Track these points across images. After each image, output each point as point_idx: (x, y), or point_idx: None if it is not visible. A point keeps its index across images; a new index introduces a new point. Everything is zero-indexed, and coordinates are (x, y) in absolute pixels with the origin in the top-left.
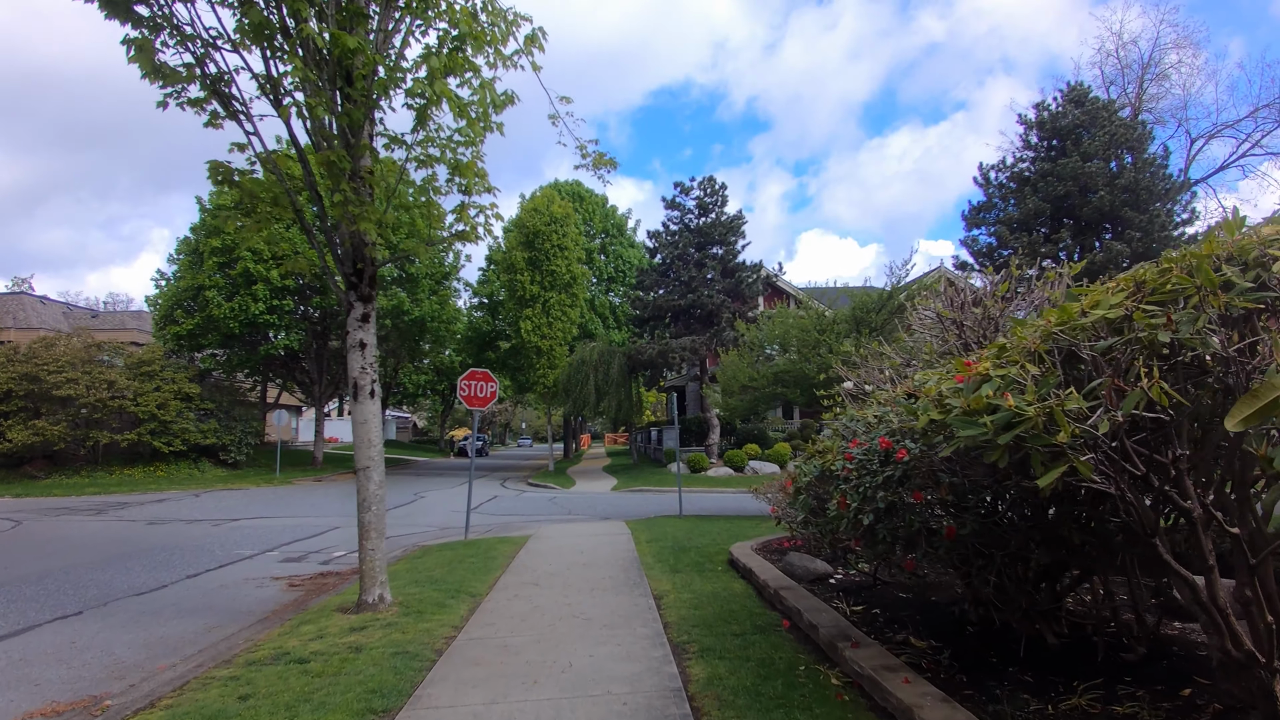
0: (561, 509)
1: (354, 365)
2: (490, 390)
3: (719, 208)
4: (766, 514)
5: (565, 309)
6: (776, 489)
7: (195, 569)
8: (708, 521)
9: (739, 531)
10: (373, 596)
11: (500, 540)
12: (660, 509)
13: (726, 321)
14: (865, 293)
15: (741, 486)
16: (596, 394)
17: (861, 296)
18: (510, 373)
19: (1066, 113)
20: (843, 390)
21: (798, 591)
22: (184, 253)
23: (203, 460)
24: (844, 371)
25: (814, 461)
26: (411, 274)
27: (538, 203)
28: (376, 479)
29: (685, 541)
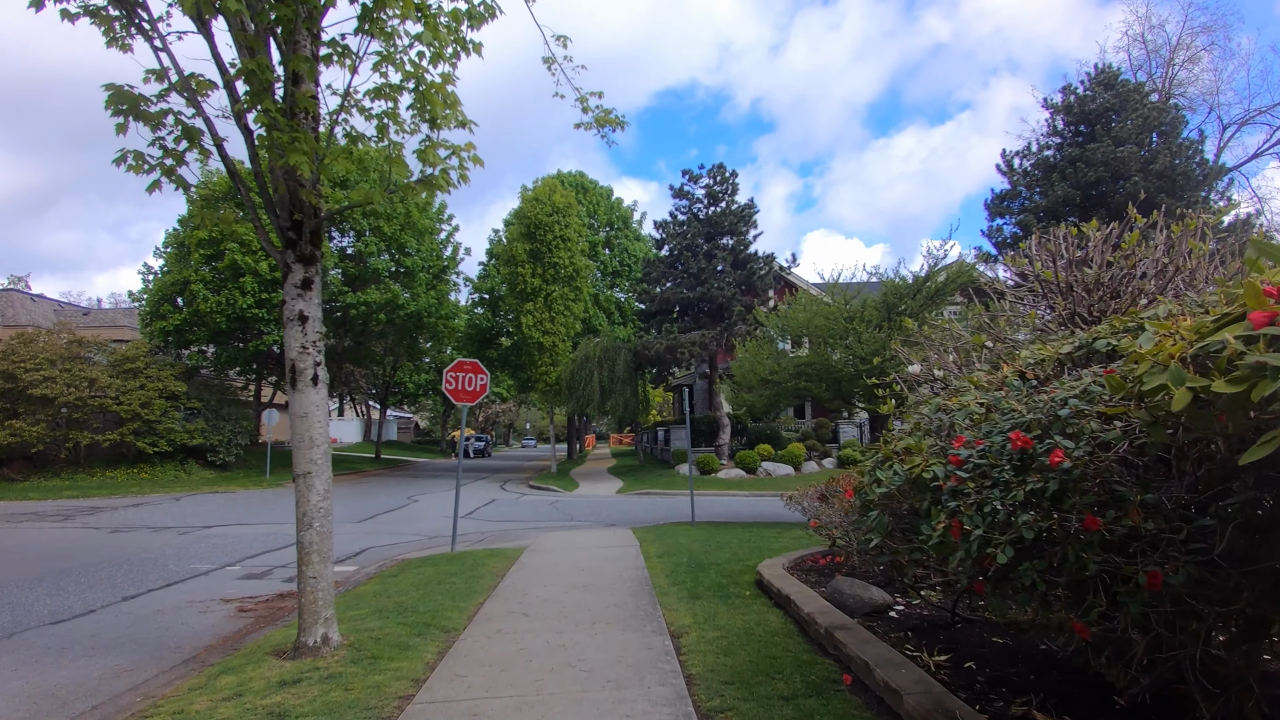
0: (563, 514)
1: (292, 343)
2: (480, 383)
3: (729, 196)
4: (786, 520)
5: (568, 303)
6: (813, 496)
7: (137, 588)
8: (723, 530)
9: (761, 543)
10: (314, 638)
11: (490, 554)
12: (669, 514)
13: (738, 315)
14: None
15: (755, 489)
16: (601, 392)
17: (892, 283)
18: (512, 370)
19: (1096, 96)
20: (907, 376)
21: (857, 633)
22: (171, 246)
23: (190, 462)
24: (905, 353)
25: (893, 466)
26: (408, 267)
27: (539, 192)
28: (320, 488)
29: (702, 556)
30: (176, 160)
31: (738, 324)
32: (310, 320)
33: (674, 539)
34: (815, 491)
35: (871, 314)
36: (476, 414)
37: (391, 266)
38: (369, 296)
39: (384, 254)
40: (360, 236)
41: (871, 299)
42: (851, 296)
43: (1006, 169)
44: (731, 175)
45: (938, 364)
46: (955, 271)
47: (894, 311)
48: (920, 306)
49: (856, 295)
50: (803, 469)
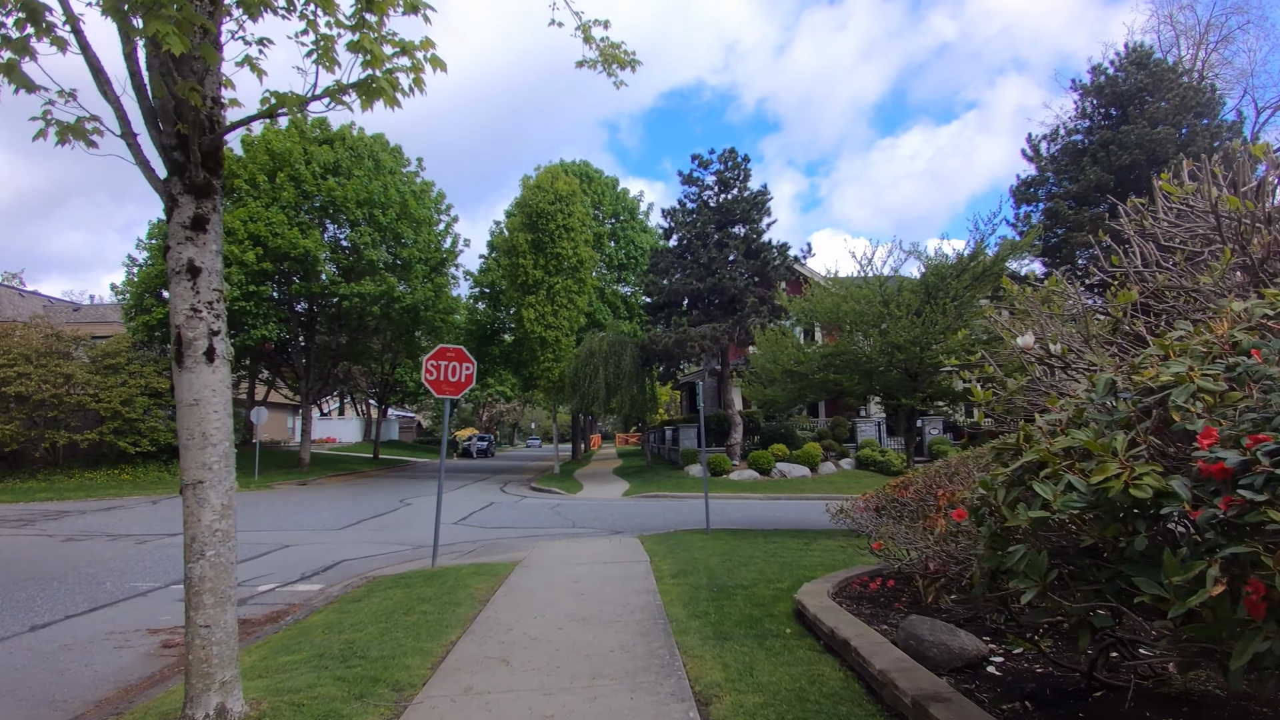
0: (564, 520)
1: (178, 304)
2: (466, 373)
3: (741, 183)
4: (810, 526)
5: (572, 296)
6: (867, 507)
7: (54, 614)
8: (743, 540)
9: (789, 556)
10: (205, 710)
11: (476, 570)
12: (680, 520)
13: (751, 307)
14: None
15: (771, 492)
16: (606, 389)
17: (936, 262)
18: (514, 368)
19: (1128, 76)
20: (1019, 348)
21: (959, 707)
22: (156, 236)
23: (175, 463)
24: (1002, 324)
25: (1063, 479)
26: (404, 259)
27: (541, 180)
28: (217, 503)
29: (724, 575)
30: (18, 51)
31: (751, 316)
32: (204, 274)
33: (688, 552)
34: (867, 501)
35: (909, 297)
36: (480, 413)
37: (388, 258)
38: (363, 288)
39: (380, 245)
40: (355, 227)
41: (908, 282)
42: (885, 279)
43: (1033, 154)
44: (743, 161)
45: (1054, 336)
46: (1007, 248)
47: (936, 293)
48: (966, 287)
49: (890, 278)
50: (819, 470)
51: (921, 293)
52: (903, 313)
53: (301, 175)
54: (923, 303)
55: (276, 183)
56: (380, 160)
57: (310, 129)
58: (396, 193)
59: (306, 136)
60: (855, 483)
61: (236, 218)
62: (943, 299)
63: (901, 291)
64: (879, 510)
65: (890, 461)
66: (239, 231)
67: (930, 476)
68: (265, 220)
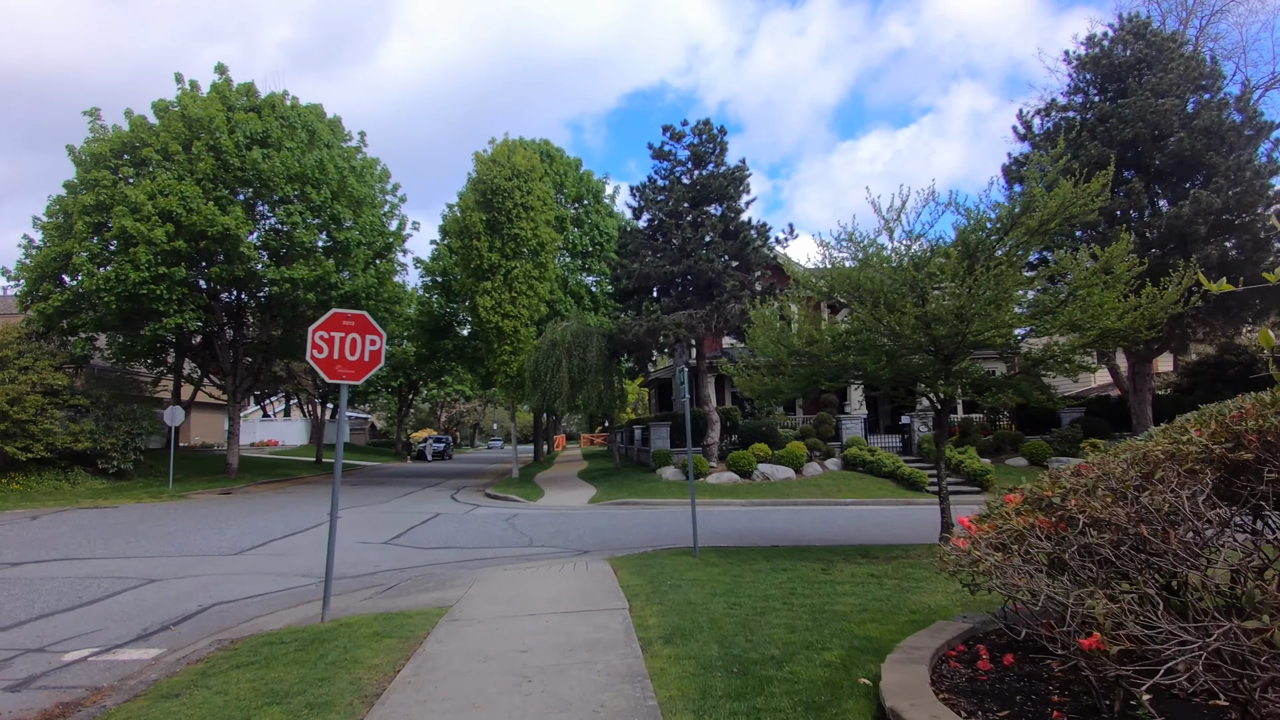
0: (520, 536)
1: None
2: (370, 350)
3: (717, 157)
4: (812, 540)
5: (532, 281)
6: (983, 543)
7: None
8: (743, 565)
9: (816, 596)
10: None
11: (380, 629)
12: (657, 534)
13: (731, 292)
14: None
15: (755, 497)
16: (571, 384)
17: (979, 216)
18: (469, 363)
19: (1126, 45)
20: None
21: None
22: (55, 214)
23: (76, 469)
24: None
25: None
26: (341, 241)
27: (497, 154)
28: None
29: (740, 636)
30: None
31: (730, 302)
32: None
33: (678, 590)
34: (981, 536)
35: (949, 263)
36: (438, 414)
37: (324, 240)
38: (295, 273)
39: (314, 225)
40: (284, 204)
41: (939, 248)
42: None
43: (1024, 131)
44: (720, 133)
45: None
46: (1067, 196)
47: (977, 256)
48: (1018, 244)
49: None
50: (804, 471)
51: (961, 255)
52: (947, 275)
53: (222, 145)
54: (964, 267)
55: (193, 152)
56: (316, 132)
57: (236, 95)
58: (334, 168)
59: (230, 103)
60: (844, 485)
61: (143, 191)
62: (989, 261)
63: (934, 254)
64: (1003, 549)
65: (881, 461)
66: (145, 207)
67: (1123, 479)
68: (178, 194)
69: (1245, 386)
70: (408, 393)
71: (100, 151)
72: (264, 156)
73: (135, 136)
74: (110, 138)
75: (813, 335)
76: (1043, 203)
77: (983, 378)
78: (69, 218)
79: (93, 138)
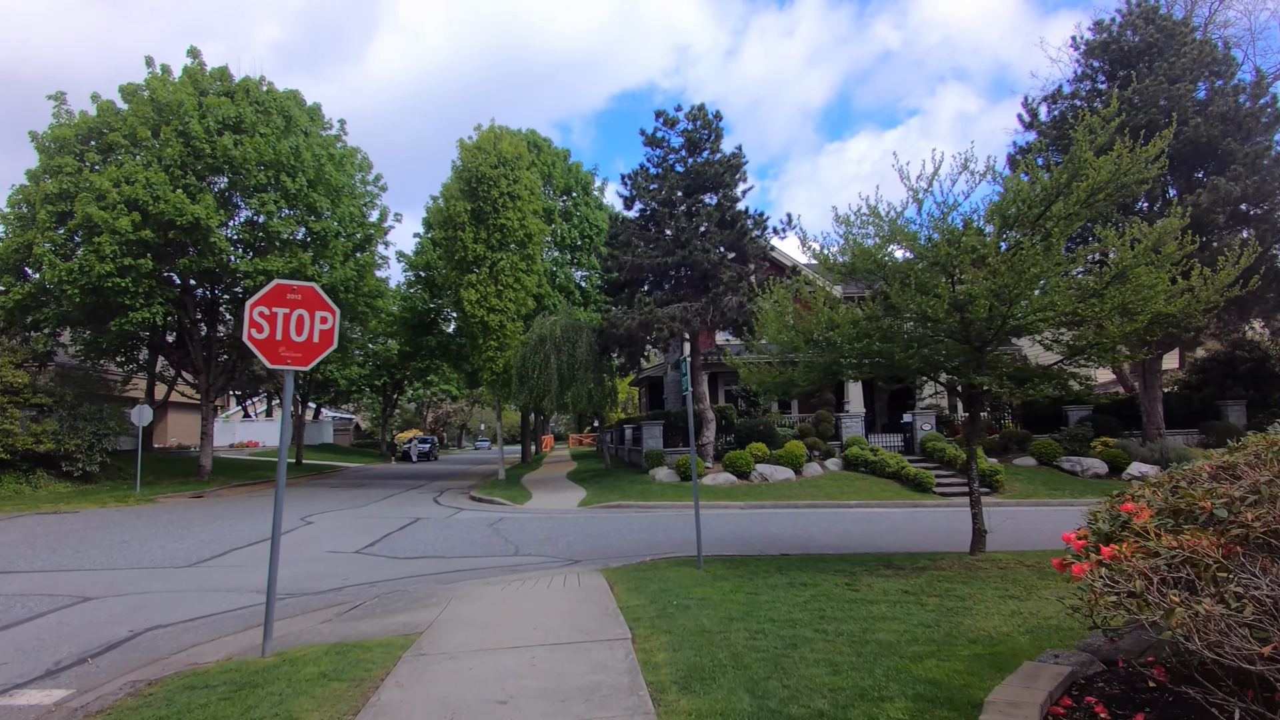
0: (505, 543)
1: None
2: (321, 328)
3: (713, 143)
4: (821, 545)
5: (518, 274)
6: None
7: None
8: (757, 579)
9: (851, 620)
10: None
11: (328, 668)
12: (653, 540)
13: (728, 284)
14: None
15: (754, 499)
16: (559, 381)
17: (1021, 183)
18: (453, 360)
19: (1137, 30)
20: None
21: None
22: (17, 203)
23: (38, 472)
24: None
25: None
26: (319, 232)
27: (482, 141)
28: None
29: (773, 679)
30: None
31: (727, 294)
32: None
33: (687, 612)
34: (1128, 564)
35: (972, 239)
36: (424, 414)
37: (300, 231)
38: (269, 265)
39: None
40: (258, 193)
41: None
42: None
43: (1030, 119)
44: (715, 118)
45: None
46: (1123, 161)
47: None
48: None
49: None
50: (804, 472)
51: (1001, 224)
52: (992, 249)
53: (192, 130)
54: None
55: (161, 138)
56: (293, 118)
57: (209, 80)
58: (311, 155)
59: (203, 87)
60: (847, 486)
61: (108, 178)
62: (1033, 235)
63: (967, 229)
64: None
65: (884, 461)
66: (110, 195)
67: None
68: (144, 181)
69: (1258, 383)
70: (392, 392)
71: (65, 136)
72: (236, 143)
73: (102, 121)
74: (76, 122)
75: (833, 320)
76: (1093, 169)
77: (1020, 368)
78: (32, 207)
79: (58, 123)
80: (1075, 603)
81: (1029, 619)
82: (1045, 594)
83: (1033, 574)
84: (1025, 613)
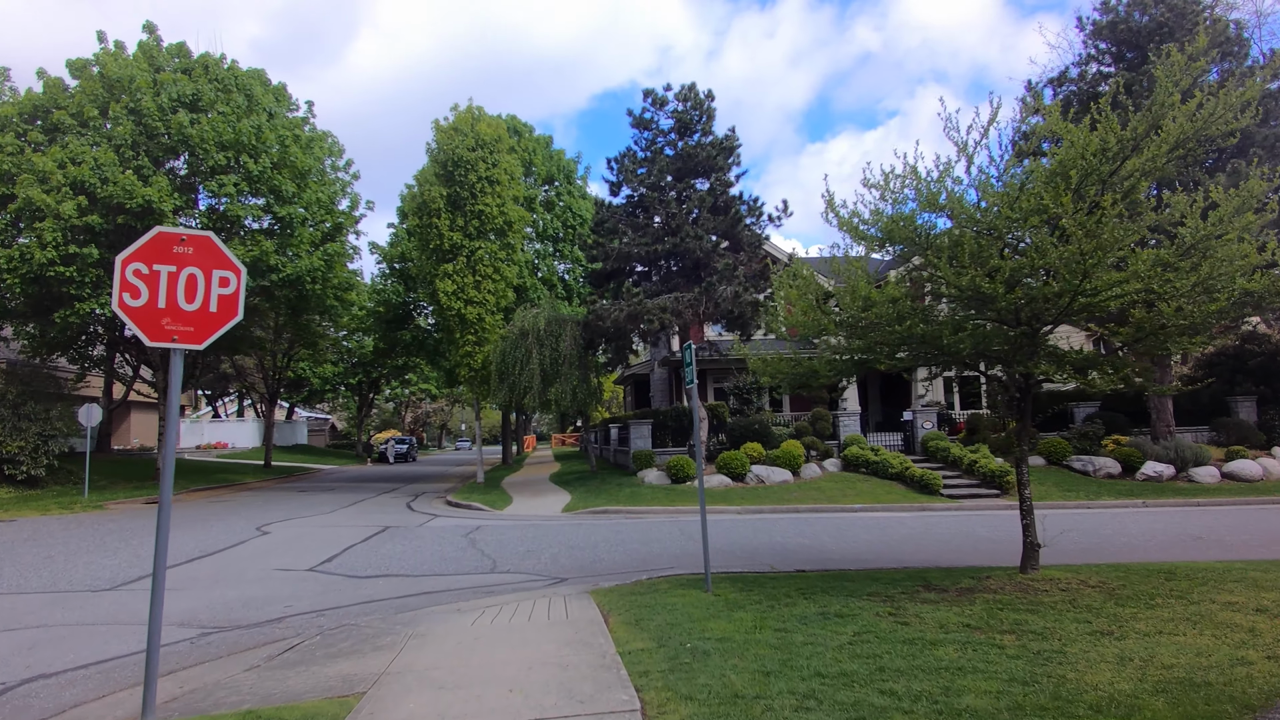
0: (481, 556)
1: None
2: (220, 295)
3: (704, 124)
4: (837, 558)
5: (498, 264)
6: None
7: None
8: (789, 612)
9: (929, 674)
10: None
11: None
12: (648, 552)
13: (721, 274)
14: None
15: (752, 504)
16: (542, 377)
17: (1082, 137)
18: (429, 356)
19: (1145, 10)
20: None
21: None
22: None
23: None
24: None
25: None
26: (283, 217)
27: (459, 121)
28: None
29: None
30: None
31: (720, 285)
32: None
33: (709, 665)
34: None
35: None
36: (403, 413)
37: (266, 220)
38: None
39: (254, 203)
40: (215, 175)
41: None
42: (1016, 157)
43: (1034, 103)
44: (707, 98)
45: None
46: (1219, 102)
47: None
48: (1142, 174)
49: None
50: (802, 473)
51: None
52: (1066, 207)
53: (144, 107)
54: (1081, 204)
55: (111, 115)
56: (256, 97)
57: (165, 56)
58: (275, 137)
59: (158, 64)
60: (848, 489)
61: (52, 159)
62: (1103, 191)
63: (1024, 189)
64: None
65: (886, 462)
66: (55, 176)
67: None
68: (92, 162)
69: (1268, 378)
70: (368, 391)
71: (6, 114)
72: (192, 121)
73: (49, 99)
74: (20, 100)
75: (871, 297)
76: (1178, 116)
77: (1089, 355)
78: None
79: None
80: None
81: (1147, 669)
82: (1140, 628)
83: (1106, 599)
84: (1137, 659)
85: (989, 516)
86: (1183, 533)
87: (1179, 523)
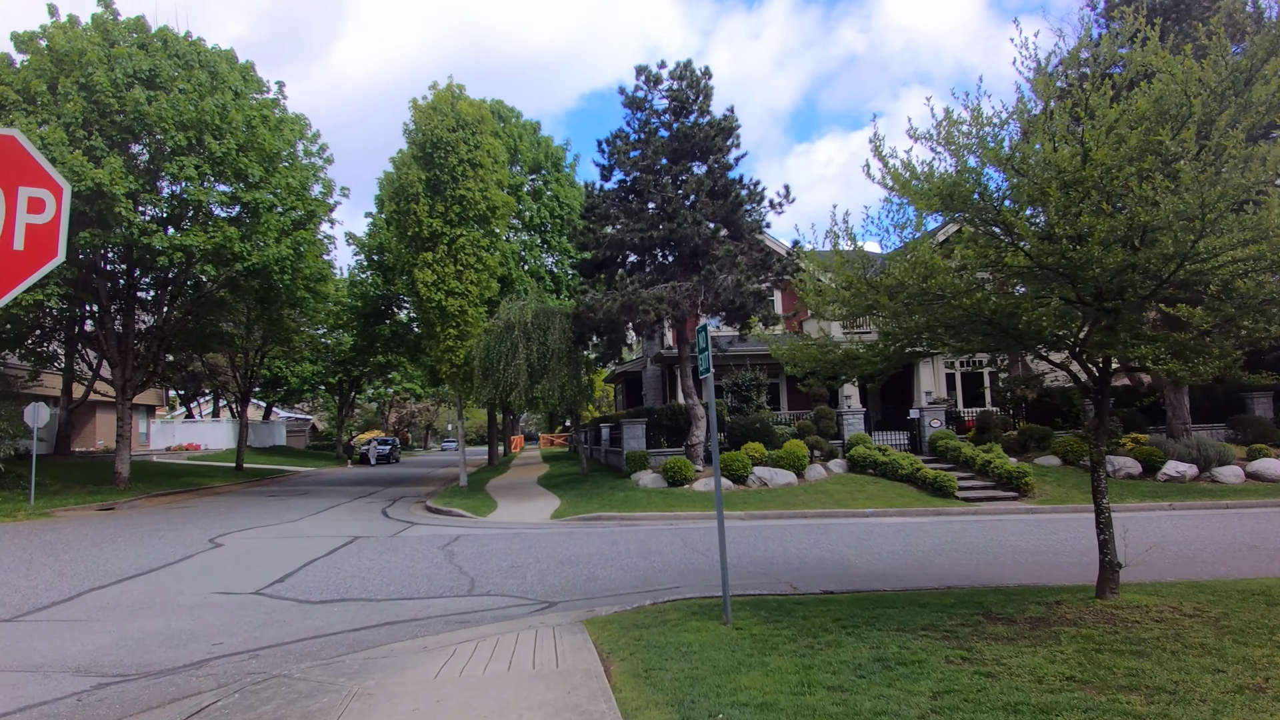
0: (459, 575)
1: None
2: (31, 225)
3: (701, 104)
4: (863, 573)
5: (480, 252)
6: None
7: None
8: (835, 657)
9: None
10: None
11: None
12: (649, 566)
13: (721, 263)
14: None
15: (756, 508)
16: (530, 373)
17: (1184, 67)
18: (409, 352)
19: None
20: None
21: None
22: None
23: None
24: None
25: None
26: (248, 202)
27: (438, 100)
28: None
29: None
30: None
31: (720, 274)
32: None
33: None
34: None
35: (1137, 138)
36: (386, 413)
37: (235, 209)
38: (188, 239)
39: (221, 190)
40: (174, 156)
41: (1135, 104)
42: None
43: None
44: (704, 75)
45: None
46: None
47: (1187, 130)
48: (1259, 112)
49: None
50: (806, 475)
51: (1163, 126)
52: (1189, 145)
53: (96, 82)
54: (1195, 139)
55: (60, 92)
56: (220, 74)
57: (122, 29)
58: (241, 117)
59: (114, 38)
60: (857, 492)
61: None
62: (1226, 137)
63: (1116, 129)
64: None
65: (896, 463)
66: None
67: None
68: (38, 141)
69: None
70: (349, 390)
71: None
72: (149, 98)
73: None
74: None
75: (935, 263)
76: None
77: (1192, 339)
78: None
79: None
80: None
81: None
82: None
83: (1216, 634)
84: None
85: (1014, 522)
86: (1233, 540)
87: (1220, 528)
